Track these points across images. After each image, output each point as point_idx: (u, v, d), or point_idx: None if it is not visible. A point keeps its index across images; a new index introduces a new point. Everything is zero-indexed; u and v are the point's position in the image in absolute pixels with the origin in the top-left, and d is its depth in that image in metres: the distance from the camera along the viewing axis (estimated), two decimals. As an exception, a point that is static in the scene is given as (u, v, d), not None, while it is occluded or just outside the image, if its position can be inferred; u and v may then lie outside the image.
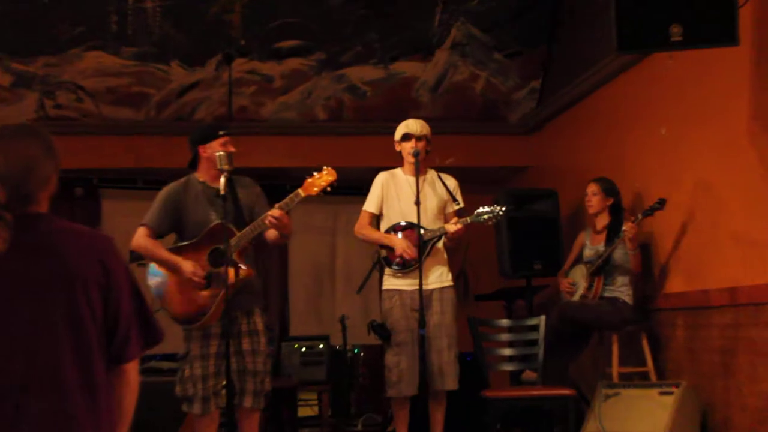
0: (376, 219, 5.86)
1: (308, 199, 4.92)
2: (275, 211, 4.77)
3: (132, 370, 2.70)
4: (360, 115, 8.90)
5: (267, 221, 4.79)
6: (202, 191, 5.06)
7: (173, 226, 5.11)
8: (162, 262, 5.01)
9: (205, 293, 4.92)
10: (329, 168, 4.89)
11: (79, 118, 8.48)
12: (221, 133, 5.08)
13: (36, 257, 2.53)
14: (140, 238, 5.04)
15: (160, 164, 8.52)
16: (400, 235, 5.71)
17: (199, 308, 4.93)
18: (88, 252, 2.60)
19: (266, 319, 5.15)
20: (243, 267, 4.89)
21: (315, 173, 4.88)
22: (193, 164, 5.19)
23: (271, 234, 5.02)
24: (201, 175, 5.12)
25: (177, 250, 5.04)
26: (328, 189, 4.87)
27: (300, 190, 4.85)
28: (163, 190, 5.16)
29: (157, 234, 5.08)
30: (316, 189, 4.85)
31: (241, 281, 4.87)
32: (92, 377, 2.55)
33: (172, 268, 4.97)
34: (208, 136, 5.09)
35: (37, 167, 2.57)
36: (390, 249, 5.69)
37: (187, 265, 4.91)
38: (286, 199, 4.83)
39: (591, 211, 6.60)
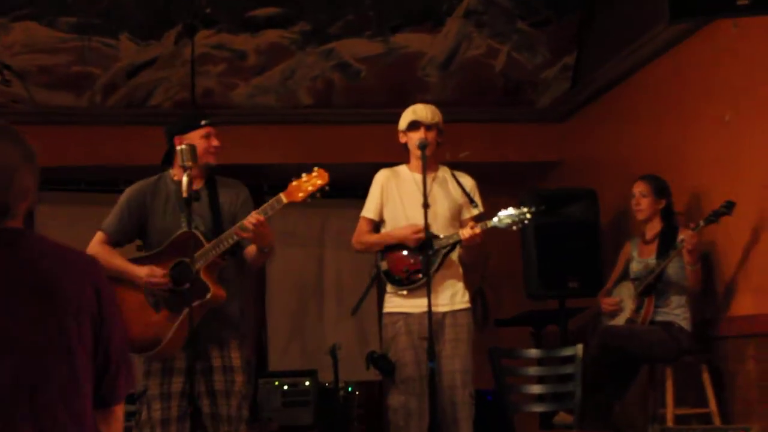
0: (377, 228, 5.84)
1: (292, 205, 4.90)
2: (253, 217, 4.77)
3: (119, 412, 2.82)
4: (353, 100, 8.89)
5: (242, 226, 4.78)
6: (175, 193, 5.06)
7: (137, 232, 5.17)
8: (117, 273, 5.01)
9: (162, 315, 4.92)
10: (320, 169, 4.87)
11: (7, 104, 8.46)
12: (203, 122, 5.12)
13: (18, 279, 2.60)
14: (95, 244, 5.11)
15: (108, 161, 8.52)
16: (404, 252, 5.68)
17: (155, 333, 4.92)
18: (80, 276, 2.69)
19: (246, 354, 5.15)
20: (210, 286, 4.87)
21: (304, 175, 4.86)
22: (168, 159, 5.23)
23: (251, 250, 5.05)
24: (176, 173, 5.13)
25: (135, 261, 5.07)
26: (318, 195, 4.85)
27: (282, 195, 4.83)
28: (128, 189, 5.22)
29: (115, 241, 5.15)
30: (301, 195, 4.82)
31: (207, 304, 4.85)
32: (81, 424, 2.63)
33: (128, 279, 4.99)
34: (187, 126, 5.13)
35: (16, 176, 2.68)
36: (394, 255, 5.65)
37: (141, 270, 4.95)
38: (265, 205, 4.82)
39: (640, 216, 6.59)
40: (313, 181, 4.84)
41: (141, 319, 4.97)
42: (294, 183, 4.85)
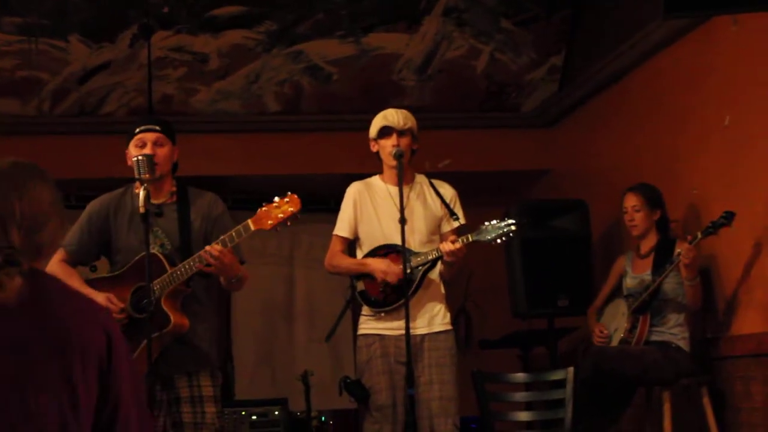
0: (351, 246, 5.82)
1: (260, 233, 4.90)
2: (213, 247, 4.76)
3: None
4: (324, 106, 8.89)
5: (200, 258, 4.78)
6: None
7: (101, 250, 5.20)
8: None
9: None
10: (293, 195, 4.83)
11: (-53, 114, 8.45)
12: (137, 130, 5.09)
13: (35, 319, 2.69)
14: (53, 263, 5.10)
15: (58, 173, 8.32)
16: None
17: None
18: (92, 319, 2.78)
19: (219, 383, 5.12)
20: (171, 316, 4.85)
21: (276, 199, 4.83)
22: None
23: (222, 279, 5.06)
24: (139, 187, 5.12)
25: (94, 284, 5.08)
26: (288, 224, 4.83)
27: (250, 222, 4.80)
28: (90, 203, 5.23)
29: (76, 260, 5.19)
30: (270, 222, 4.79)
31: (167, 335, 4.84)
32: None
33: None
34: (128, 137, 5.12)
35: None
36: (369, 278, 5.65)
37: (98, 297, 4.91)
38: (232, 232, 4.80)
39: (635, 232, 6.61)
40: (284, 207, 4.78)
41: None
42: (263, 208, 4.81)
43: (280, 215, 4.76)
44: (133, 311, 4.93)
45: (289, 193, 4.82)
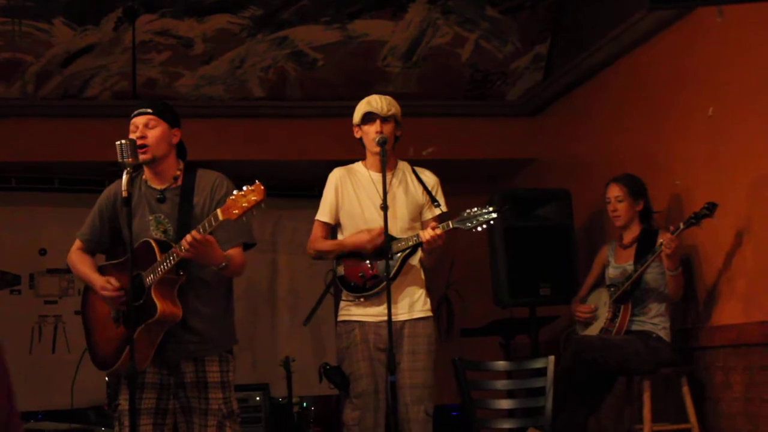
0: (333, 231, 5.82)
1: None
2: (189, 236, 4.71)
3: None
4: (308, 92, 8.88)
5: (179, 246, 4.75)
6: (146, 194, 5.07)
7: (113, 239, 5.19)
8: (84, 280, 5.17)
9: (120, 331, 4.92)
10: (258, 183, 4.74)
11: (-70, 95, 8.42)
12: (133, 114, 5.09)
13: None
14: (72, 251, 5.21)
15: (41, 156, 8.46)
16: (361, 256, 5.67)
17: (113, 349, 4.95)
18: None
19: (229, 369, 5.06)
20: (159, 305, 4.83)
21: (245, 187, 4.77)
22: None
23: None
24: (146, 173, 5.13)
25: (103, 269, 5.12)
26: (254, 213, 4.79)
27: (219, 211, 4.73)
28: (103, 192, 5.23)
29: (91, 248, 5.22)
30: (236, 212, 4.71)
31: (156, 324, 4.83)
32: None
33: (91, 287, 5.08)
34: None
35: None
36: (349, 262, 5.65)
37: (98, 281, 4.98)
38: (204, 221, 4.77)
39: (618, 223, 6.63)
40: (249, 197, 4.67)
41: (102, 332, 5.04)
42: (232, 197, 4.73)
43: (245, 205, 4.69)
44: (135, 299, 4.87)
45: (257, 181, 4.75)
